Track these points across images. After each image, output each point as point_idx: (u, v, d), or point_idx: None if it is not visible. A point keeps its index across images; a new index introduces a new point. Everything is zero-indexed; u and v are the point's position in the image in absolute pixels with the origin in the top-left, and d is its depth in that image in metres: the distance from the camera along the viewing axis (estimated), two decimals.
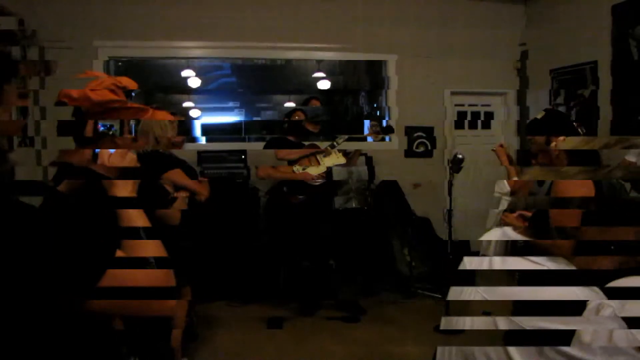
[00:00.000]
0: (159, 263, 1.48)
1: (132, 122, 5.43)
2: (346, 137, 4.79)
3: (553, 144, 2.33)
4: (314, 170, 4.67)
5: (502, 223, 2.55)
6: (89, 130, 1.25)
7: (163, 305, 0.99)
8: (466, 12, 6.32)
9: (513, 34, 6.52)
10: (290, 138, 4.78)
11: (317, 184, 4.61)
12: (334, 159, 4.70)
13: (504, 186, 3.14)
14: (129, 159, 1.21)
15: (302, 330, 4.42)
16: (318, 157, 4.67)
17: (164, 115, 1.77)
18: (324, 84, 6.79)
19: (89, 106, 1.57)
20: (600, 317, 0.75)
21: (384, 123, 6.35)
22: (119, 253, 0.93)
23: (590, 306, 0.78)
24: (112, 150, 1.21)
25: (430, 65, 6.29)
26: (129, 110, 1.59)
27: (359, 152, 4.89)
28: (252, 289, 5.01)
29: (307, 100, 4.85)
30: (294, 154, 4.61)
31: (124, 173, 1.21)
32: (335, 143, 4.77)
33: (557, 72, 5.95)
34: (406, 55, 6.20)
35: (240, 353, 3.97)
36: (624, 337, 0.72)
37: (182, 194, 3.13)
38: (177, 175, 3.21)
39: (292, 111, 4.82)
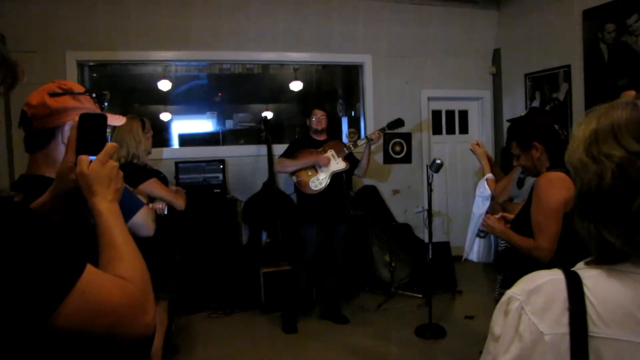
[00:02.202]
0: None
1: (109, 134, 5.35)
2: (365, 140, 4.76)
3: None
4: (334, 166, 4.65)
5: (483, 226, 2.55)
6: (72, 136, 1.19)
7: (139, 322, 0.93)
8: (441, 16, 6.39)
9: (488, 38, 6.61)
10: (314, 136, 4.74)
11: (315, 192, 4.57)
12: (334, 165, 4.66)
13: (485, 189, 3.14)
14: (110, 166, 1.15)
15: (285, 339, 4.37)
16: (317, 167, 4.63)
17: (115, 118, 1.72)
18: (301, 92, 6.81)
19: (45, 113, 1.51)
20: (510, 308, 0.83)
21: (362, 133, 6.35)
22: (91, 269, 0.88)
23: (503, 299, 0.85)
24: (92, 157, 1.14)
25: (406, 66, 6.34)
26: (72, 113, 1.54)
27: (368, 153, 4.83)
28: (233, 300, 4.96)
29: (310, 110, 4.79)
30: (290, 166, 4.57)
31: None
32: (351, 145, 4.75)
33: (531, 76, 6.02)
34: (381, 56, 6.26)
35: None
36: (527, 328, 0.78)
37: (158, 205, 3.07)
38: (153, 186, 3.15)
39: (312, 110, 4.77)
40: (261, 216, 5.26)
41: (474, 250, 3.17)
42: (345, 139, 6.26)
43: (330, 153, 4.69)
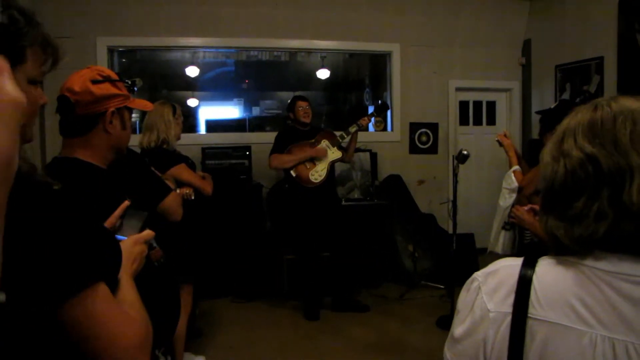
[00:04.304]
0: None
1: (137, 118, 5.38)
2: (356, 127, 4.71)
3: None
4: (331, 155, 4.65)
5: (511, 217, 2.52)
6: (117, 215, 1.32)
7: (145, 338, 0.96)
8: (470, 6, 6.30)
9: (518, 28, 6.50)
10: (299, 127, 4.72)
11: (316, 184, 4.58)
12: (331, 155, 4.66)
13: (512, 181, 3.11)
14: (140, 248, 1.26)
15: (306, 326, 4.41)
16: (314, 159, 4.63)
17: (144, 104, 1.80)
18: (328, 80, 6.80)
19: (90, 100, 1.56)
20: (471, 287, 0.92)
21: (389, 123, 6.32)
22: (107, 292, 0.89)
23: (469, 279, 0.92)
24: (121, 237, 1.26)
25: (434, 56, 6.29)
26: (114, 100, 1.60)
27: (355, 139, 4.80)
28: (256, 286, 5.00)
29: (292, 102, 4.76)
30: (289, 162, 4.58)
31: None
32: (344, 134, 4.71)
33: (562, 67, 5.91)
34: (409, 45, 6.21)
35: (244, 349, 3.96)
36: (479, 305, 0.88)
37: (186, 190, 3.11)
38: (181, 171, 3.20)
39: (293, 102, 4.75)
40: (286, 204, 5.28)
41: (499, 242, 3.15)
42: (371, 128, 6.25)
43: (325, 144, 4.68)
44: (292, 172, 4.58)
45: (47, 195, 0.85)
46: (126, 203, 1.33)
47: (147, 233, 1.27)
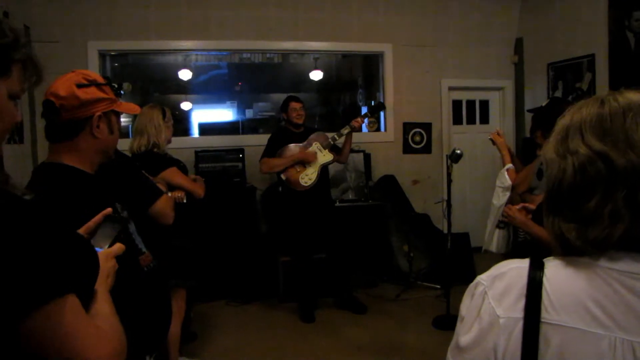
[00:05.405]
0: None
1: (129, 123, 5.37)
2: (348, 129, 4.70)
3: None
4: (322, 158, 4.64)
5: (504, 216, 2.52)
6: (91, 225, 1.28)
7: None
8: (462, 5, 6.32)
9: (510, 27, 6.51)
10: (292, 129, 4.72)
11: (306, 188, 4.56)
12: (322, 158, 4.64)
13: (505, 180, 3.11)
14: (112, 263, 1.19)
15: (302, 328, 4.40)
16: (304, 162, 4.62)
17: (131, 107, 1.79)
18: (321, 81, 6.80)
19: (75, 104, 1.54)
20: (476, 292, 0.87)
21: (382, 123, 6.31)
22: (74, 300, 0.86)
23: (472, 283, 0.90)
24: (98, 249, 1.20)
25: (426, 55, 6.29)
26: (101, 104, 1.59)
27: (349, 140, 4.79)
28: (251, 289, 4.99)
29: (286, 102, 4.76)
30: (278, 166, 4.57)
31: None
32: (336, 136, 4.70)
33: (554, 65, 5.92)
34: (401, 45, 6.21)
35: (240, 352, 3.94)
36: (487, 311, 0.84)
37: (177, 194, 3.10)
38: (172, 175, 3.18)
39: (287, 103, 4.75)
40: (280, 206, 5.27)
41: (494, 241, 3.15)
42: (365, 129, 6.24)
43: (316, 146, 4.67)
44: (282, 176, 4.58)
45: (16, 205, 0.83)
46: (108, 210, 1.30)
47: (119, 247, 1.23)
